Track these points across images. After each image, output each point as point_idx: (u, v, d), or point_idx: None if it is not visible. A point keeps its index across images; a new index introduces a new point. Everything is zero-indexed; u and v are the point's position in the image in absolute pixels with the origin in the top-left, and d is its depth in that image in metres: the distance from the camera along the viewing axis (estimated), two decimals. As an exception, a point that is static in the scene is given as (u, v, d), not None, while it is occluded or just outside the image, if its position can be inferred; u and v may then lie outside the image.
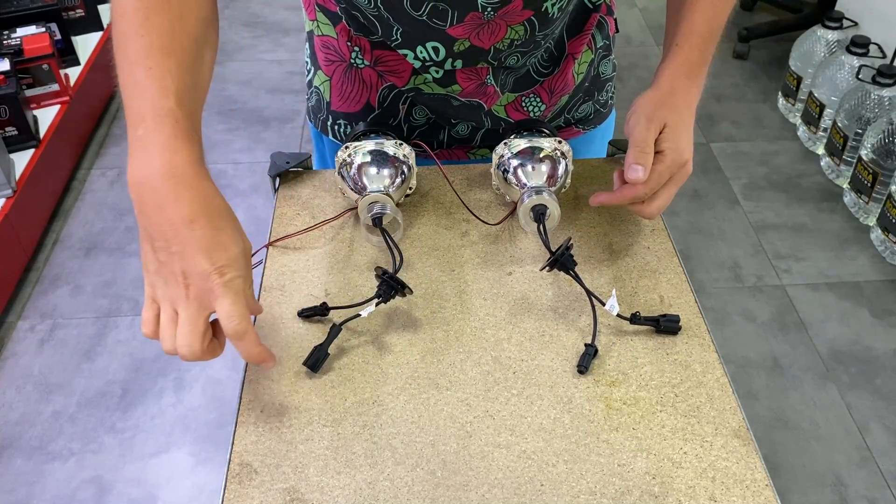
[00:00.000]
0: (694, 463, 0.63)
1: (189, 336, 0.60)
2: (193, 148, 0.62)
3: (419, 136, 0.94)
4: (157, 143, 0.61)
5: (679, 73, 0.82)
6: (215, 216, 0.61)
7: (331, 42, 0.90)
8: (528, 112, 0.92)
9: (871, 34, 2.37)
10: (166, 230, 0.59)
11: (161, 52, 0.64)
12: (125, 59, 0.65)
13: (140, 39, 0.64)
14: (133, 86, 0.63)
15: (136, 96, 0.63)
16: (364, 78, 0.90)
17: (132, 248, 2.19)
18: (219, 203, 0.62)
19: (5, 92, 2.05)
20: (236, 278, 0.60)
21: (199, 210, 0.60)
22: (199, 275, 0.59)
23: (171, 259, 0.59)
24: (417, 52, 0.83)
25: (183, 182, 0.60)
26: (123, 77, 0.64)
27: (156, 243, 0.60)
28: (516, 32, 0.81)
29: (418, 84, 0.88)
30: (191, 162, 0.61)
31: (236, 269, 0.60)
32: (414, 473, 0.62)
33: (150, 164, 0.60)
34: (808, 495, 1.62)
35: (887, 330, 1.95)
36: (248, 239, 0.64)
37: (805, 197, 2.35)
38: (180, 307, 0.60)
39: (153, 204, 0.60)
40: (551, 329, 0.73)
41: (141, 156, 0.61)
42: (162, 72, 0.63)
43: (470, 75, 0.86)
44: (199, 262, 0.59)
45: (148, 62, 0.63)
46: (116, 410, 1.78)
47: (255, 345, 0.62)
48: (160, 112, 0.61)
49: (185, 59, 0.65)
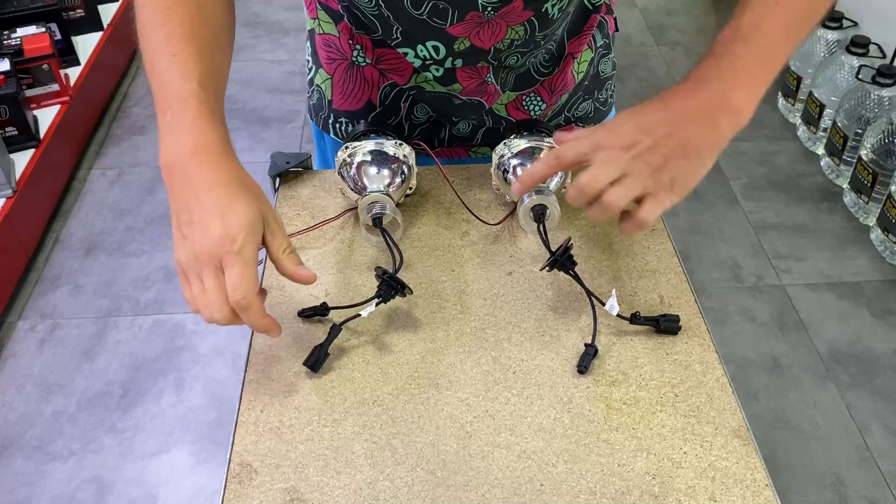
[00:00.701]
0: (694, 463, 0.63)
1: (218, 302, 0.62)
2: (218, 127, 0.66)
3: (420, 133, 0.94)
4: (184, 125, 0.64)
5: (709, 71, 0.68)
6: (234, 184, 0.64)
7: (332, 40, 0.90)
8: (529, 111, 0.92)
9: (871, 34, 2.37)
10: (189, 200, 0.63)
11: (183, 40, 0.67)
12: (149, 48, 0.68)
13: (163, 29, 0.68)
14: (159, 74, 0.67)
15: (162, 83, 0.66)
16: (365, 76, 0.90)
17: (132, 248, 2.19)
18: (237, 173, 0.65)
19: (5, 92, 2.05)
20: (247, 245, 0.62)
21: (218, 179, 0.63)
22: (212, 241, 0.61)
23: (192, 231, 0.62)
24: (418, 51, 0.83)
25: (207, 158, 0.64)
26: (149, 66, 0.68)
27: (181, 217, 0.63)
28: (516, 33, 0.81)
29: (420, 82, 0.88)
30: (214, 140, 0.65)
31: (248, 234, 0.62)
32: (414, 473, 0.62)
33: (178, 146, 0.64)
34: (808, 495, 1.62)
35: (887, 330, 1.95)
36: (269, 206, 0.66)
37: (805, 197, 2.35)
38: (204, 276, 0.62)
39: (180, 181, 0.64)
40: (551, 329, 0.73)
41: (169, 138, 0.65)
42: (185, 57, 0.66)
43: (470, 74, 0.86)
44: (213, 227, 0.61)
45: (171, 49, 0.67)
46: (116, 410, 1.78)
47: (260, 316, 0.64)
48: (185, 95, 0.65)
49: (205, 45, 0.68)
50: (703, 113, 0.67)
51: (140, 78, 2.90)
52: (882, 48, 2.34)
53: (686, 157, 0.66)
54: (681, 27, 3.14)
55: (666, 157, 0.66)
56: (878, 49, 2.34)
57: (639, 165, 0.66)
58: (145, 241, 2.21)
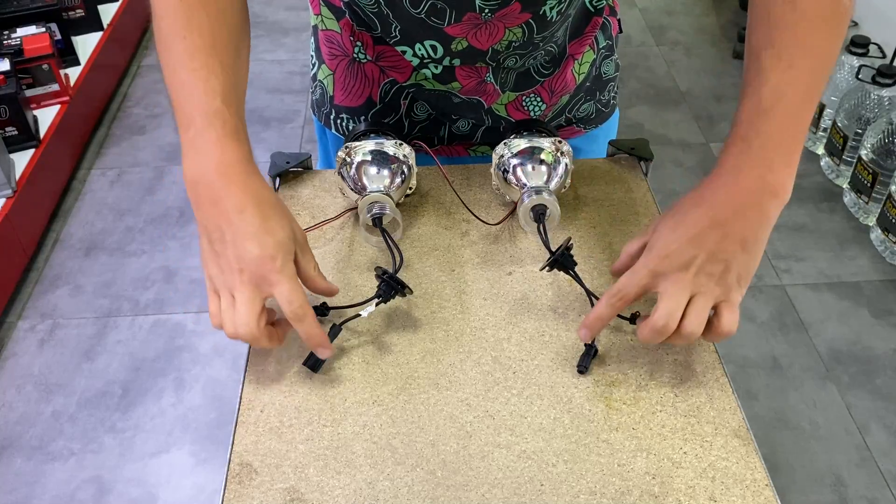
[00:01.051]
0: (694, 463, 0.63)
1: (246, 316, 0.63)
2: (242, 146, 0.67)
3: (420, 131, 0.94)
4: (208, 143, 0.65)
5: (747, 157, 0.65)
6: (264, 205, 0.66)
7: (334, 36, 0.90)
8: (529, 111, 0.92)
9: (871, 34, 2.37)
10: (220, 221, 0.64)
11: (204, 52, 0.67)
12: (170, 60, 0.68)
13: (183, 41, 0.67)
14: (180, 88, 0.67)
15: (183, 98, 0.67)
16: (366, 73, 0.90)
17: (132, 248, 2.19)
18: (266, 194, 0.67)
19: (5, 92, 2.05)
20: (287, 263, 0.65)
21: (248, 200, 0.65)
22: (252, 260, 0.63)
23: (226, 248, 0.64)
24: (416, 50, 0.83)
25: (234, 177, 0.65)
26: (170, 78, 0.68)
27: (212, 235, 0.65)
28: (514, 35, 0.81)
29: (419, 80, 0.88)
30: (240, 159, 0.66)
31: (285, 254, 0.65)
32: (414, 473, 0.62)
33: (203, 164, 0.65)
34: (808, 495, 1.62)
35: (887, 330, 1.95)
36: (297, 225, 0.69)
37: (805, 197, 2.35)
38: (236, 292, 0.64)
39: (208, 200, 0.65)
40: (551, 329, 0.73)
41: (194, 156, 0.66)
42: (206, 73, 0.66)
43: (469, 73, 0.86)
44: (250, 247, 0.63)
45: (193, 63, 0.67)
46: (116, 410, 1.78)
47: (314, 326, 0.66)
48: (208, 112, 0.65)
49: (226, 57, 0.68)
50: (749, 203, 0.64)
51: (140, 78, 2.90)
52: (882, 48, 2.34)
53: (745, 252, 0.64)
54: (681, 27, 3.14)
55: (727, 262, 0.64)
56: (878, 49, 2.34)
57: (703, 281, 0.64)
58: (145, 241, 2.21)
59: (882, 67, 2.19)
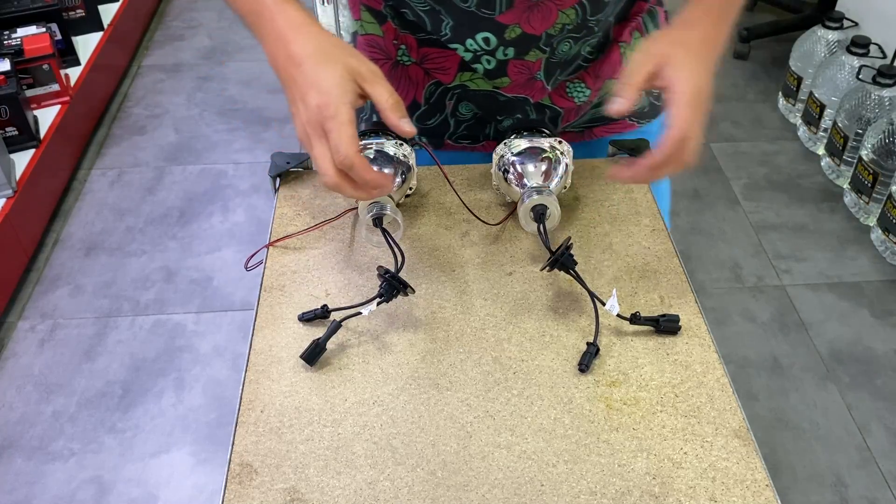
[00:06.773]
0: (694, 463, 0.63)
1: (323, 166, 0.68)
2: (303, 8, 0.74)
3: (465, 129, 0.95)
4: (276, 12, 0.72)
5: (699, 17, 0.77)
6: (317, 54, 0.70)
7: (376, 40, 0.91)
8: (573, 98, 0.91)
9: (871, 34, 2.37)
10: (290, 69, 0.70)
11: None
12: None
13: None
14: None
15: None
16: (410, 75, 0.91)
17: (132, 248, 2.19)
18: (324, 43, 0.71)
19: (6, 92, 2.05)
20: (341, 106, 0.67)
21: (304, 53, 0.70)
22: (313, 111, 0.68)
23: (297, 107, 0.70)
24: (468, 45, 0.83)
25: (298, 28, 0.72)
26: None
27: (288, 84, 0.71)
28: (567, 17, 0.81)
29: (464, 81, 0.88)
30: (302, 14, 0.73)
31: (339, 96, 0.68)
32: (414, 473, 0.62)
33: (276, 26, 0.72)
34: (809, 495, 1.62)
35: (887, 330, 1.95)
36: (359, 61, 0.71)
37: (805, 197, 2.35)
38: (313, 144, 0.69)
39: (283, 55, 0.71)
40: (552, 329, 0.73)
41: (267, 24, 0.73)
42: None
43: (521, 69, 0.85)
44: (311, 98, 0.68)
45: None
46: (116, 410, 1.78)
47: (365, 170, 0.68)
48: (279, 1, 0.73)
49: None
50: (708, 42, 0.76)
51: (140, 78, 2.90)
52: (882, 48, 2.34)
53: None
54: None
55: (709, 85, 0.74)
56: (879, 49, 2.34)
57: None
58: (145, 241, 2.21)
59: (882, 68, 2.19)
